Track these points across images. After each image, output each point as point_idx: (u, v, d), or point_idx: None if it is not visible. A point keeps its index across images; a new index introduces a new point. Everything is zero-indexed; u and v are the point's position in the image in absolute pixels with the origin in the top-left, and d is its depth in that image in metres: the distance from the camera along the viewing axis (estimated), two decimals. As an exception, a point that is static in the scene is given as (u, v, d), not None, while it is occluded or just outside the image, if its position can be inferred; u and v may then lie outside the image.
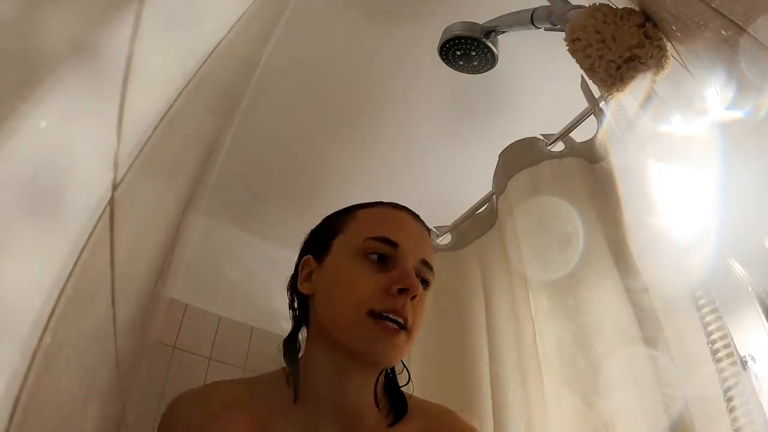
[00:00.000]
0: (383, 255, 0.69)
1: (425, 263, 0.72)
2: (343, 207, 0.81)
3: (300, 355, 0.73)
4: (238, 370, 1.87)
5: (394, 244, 0.70)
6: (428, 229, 0.80)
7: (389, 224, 0.73)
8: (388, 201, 0.79)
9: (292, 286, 0.78)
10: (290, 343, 0.74)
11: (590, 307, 1.00)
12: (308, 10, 1.42)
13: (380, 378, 0.73)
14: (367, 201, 0.80)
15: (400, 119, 1.76)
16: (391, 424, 0.71)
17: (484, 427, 1.12)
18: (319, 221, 0.82)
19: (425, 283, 0.72)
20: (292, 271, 0.80)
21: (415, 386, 0.82)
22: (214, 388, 0.71)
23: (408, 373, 0.79)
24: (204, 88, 0.64)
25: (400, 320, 0.65)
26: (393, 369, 0.77)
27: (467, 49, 1.33)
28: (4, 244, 0.28)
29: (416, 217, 0.78)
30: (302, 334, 0.76)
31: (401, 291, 0.66)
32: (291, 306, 0.78)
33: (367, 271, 0.68)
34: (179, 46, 0.51)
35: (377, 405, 0.72)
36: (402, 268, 0.68)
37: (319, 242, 0.77)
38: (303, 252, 0.79)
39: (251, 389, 0.71)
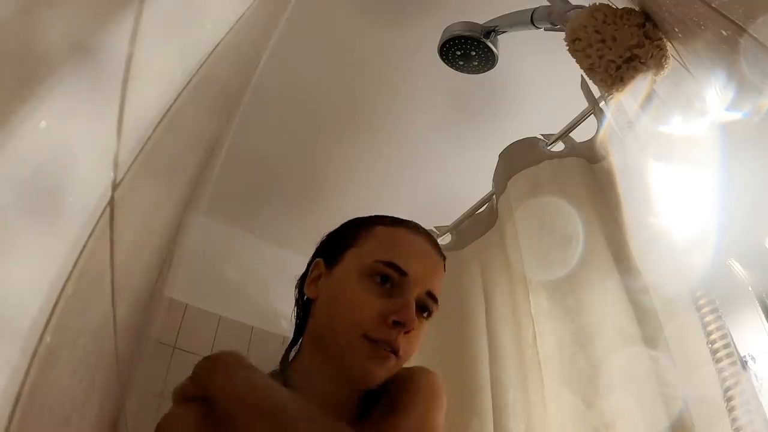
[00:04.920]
0: (389, 278, 0.68)
1: (430, 295, 0.71)
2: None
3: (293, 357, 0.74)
4: (238, 370, 1.87)
5: (403, 273, 0.68)
6: (443, 257, 0.77)
7: (404, 250, 0.71)
8: (409, 219, 0.77)
9: (300, 286, 0.78)
10: (289, 348, 0.74)
11: (590, 308, 1.00)
12: (308, 10, 1.43)
13: None
14: (380, 212, 0.78)
15: (400, 119, 1.76)
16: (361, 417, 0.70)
17: (485, 428, 1.12)
18: (337, 224, 0.80)
19: (426, 310, 0.72)
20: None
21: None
22: None
23: None
24: (204, 88, 0.64)
25: (391, 349, 0.66)
26: None
27: (467, 49, 1.33)
28: (4, 244, 0.28)
29: (434, 243, 0.76)
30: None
31: (396, 323, 0.65)
32: (297, 304, 0.78)
33: (369, 294, 0.67)
34: (179, 46, 0.51)
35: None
36: (404, 300, 0.67)
37: (332, 248, 0.76)
38: (317, 253, 0.79)
39: None
